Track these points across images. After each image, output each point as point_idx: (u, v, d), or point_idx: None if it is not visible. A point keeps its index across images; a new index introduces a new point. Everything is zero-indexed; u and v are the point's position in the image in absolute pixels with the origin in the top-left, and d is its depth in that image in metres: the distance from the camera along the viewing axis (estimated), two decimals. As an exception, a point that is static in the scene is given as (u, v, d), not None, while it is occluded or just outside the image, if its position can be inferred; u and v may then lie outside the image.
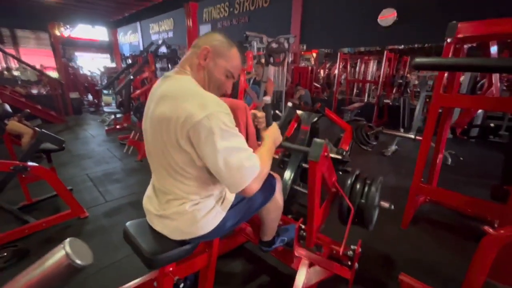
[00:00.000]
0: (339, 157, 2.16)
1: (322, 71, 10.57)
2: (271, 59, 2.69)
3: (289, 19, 7.42)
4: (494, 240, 1.12)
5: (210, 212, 0.86)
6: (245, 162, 0.73)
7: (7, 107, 2.34)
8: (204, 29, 9.71)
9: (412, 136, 2.03)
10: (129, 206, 2.31)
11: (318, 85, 9.58)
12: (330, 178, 1.27)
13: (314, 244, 1.16)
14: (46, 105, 5.51)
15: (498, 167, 3.35)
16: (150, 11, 7.41)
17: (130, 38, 15.95)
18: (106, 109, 5.25)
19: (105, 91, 6.13)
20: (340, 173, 2.40)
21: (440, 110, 1.69)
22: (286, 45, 4.48)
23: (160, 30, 13.34)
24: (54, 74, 7.19)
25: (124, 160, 3.40)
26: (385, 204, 1.41)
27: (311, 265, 1.16)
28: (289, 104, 1.79)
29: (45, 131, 1.91)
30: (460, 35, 1.50)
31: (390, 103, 5.70)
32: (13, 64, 9.75)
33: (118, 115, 5.13)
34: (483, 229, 1.22)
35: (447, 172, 3.00)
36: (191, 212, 0.83)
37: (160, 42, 5.10)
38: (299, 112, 2.11)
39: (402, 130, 3.88)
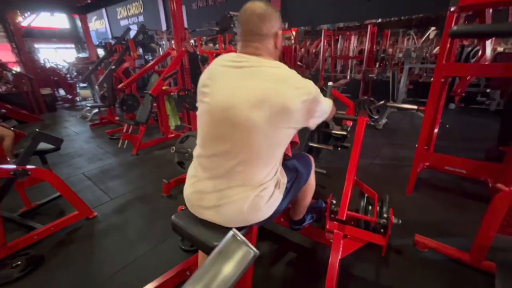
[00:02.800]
0: (345, 133, 2.21)
1: (302, 50, 10.50)
2: None
3: (269, -3, 7.19)
4: (507, 197, 1.24)
5: (271, 198, 0.87)
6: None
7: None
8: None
9: (415, 107, 2.11)
10: (137, 201, 2.25)
11: (302, 64, 9.54)
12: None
13: (346, 216, 1.21)
14: (15, 104, 5.06)
15: (482, 131, 3.64)
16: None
17: (95, 25, 14.75)
18: (87, 103, 4.93)
19: (81, 84, 5.71)
20: (339, 149, 2.48)
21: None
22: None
23: (129, 14, 12.44)
24: (16, 69, 6.53)
25: (119, 155, 3.26)
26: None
27: (344, 237, 1.21)
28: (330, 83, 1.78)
29: (41, 131, 1.77)
30: (463, 4, 1.53)
31: (375, 78, 5.83)
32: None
33: (101, 109, 4.84)
34: (497, 187, 1.34)
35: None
36: (254, 199, 0.83)
37: (136, 27, 4.76)
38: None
39: (392, 102, 4.02)
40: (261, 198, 0.84)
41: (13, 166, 1.61)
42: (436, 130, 2.22)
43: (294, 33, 9.72)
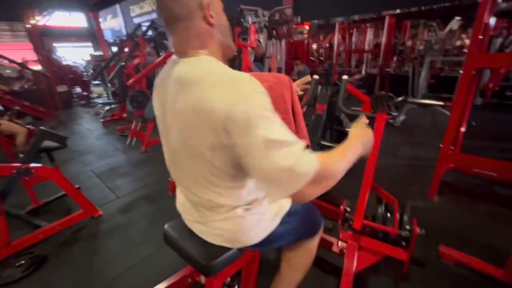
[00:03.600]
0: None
1: (316, 44, 10.20)
2: (274, 32, 2.46)
3: (281, -11, 6.98)
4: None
5: (259, 221, 0.73)
6: (295, 160, 0.52)
7: (-4, 106, 2.14)
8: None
9: (441, 103, 1.92)
10: (143, 200, 2.21)
11: (314, 59, 9.28)
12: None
13: (361, 225, 1.09)
14: (33, 101, 5.20)
15: None
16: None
17: (111, 23, 15.02)
18: (99, 100, 4.99)
19: (95, 82, 5.79)
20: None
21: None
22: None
23: (142, 12, 12.54)
24: (36, 67, 6.74)
25: (128, 153, 3.25)
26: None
27: (359, 248, 1.09)
28: (315, 77, 1.64)
29: (45, 128, 1.74)
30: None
31: (392, 72, 5.54)
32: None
33: (113, 106, 4.88)
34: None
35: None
36: (237, 220, 0.70)
37: (147, 24, 4.73)
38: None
39: (411, 98, 3.77)
40: (243, 218, 0.71)
41: (17, 165, 1.59)
42: (463, 129, 2.02)
43: (307, 27, 9.45)
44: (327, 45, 9.72)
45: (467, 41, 5.40)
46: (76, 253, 1.66)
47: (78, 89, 7.78)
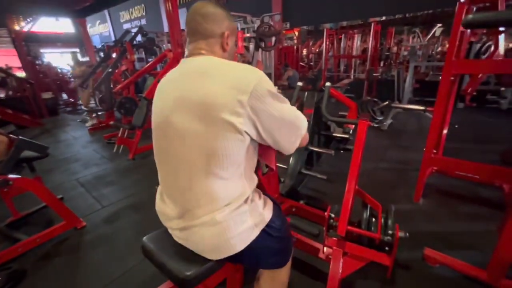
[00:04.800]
0: (347, 136, 2.09)
1: (305, 50, 10.35)
2: (262, 44, 2.47)
3: (269, -4, 7.08)
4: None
5: (241, 227, 0.72)
6: (297, 113, 0.75)
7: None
8: (180, 13, 9.12)
9: (422, 108, 1.97)
10: (128, 210, 2.16)
11: (304, 64, 9.41)
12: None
13: (345, 232, 1.09)
14: (17, 109, 5.05)
15: (494, 132, 3.45)
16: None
17: (99, 29, 14.87)
18: (85, 107, 4.90)
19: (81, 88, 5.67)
20: (342, 151, 2.34)
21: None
22: (271, 23, 4.21)
23: (132, 17, 12.48)
24: (21, 74, 6.56)
25: (115, 161, 3.18)
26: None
27: (344, 254, 1.09)
28: (299, 84, 1.65)
29: (24, 138, 1.69)
30: (474, -5, 1.40)
31: (379, 77, 5.66)
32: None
33: (100, 113, 4.80)
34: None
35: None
36: (218, 227, 0.70)
37: (135, 29, 4.70)
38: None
39: (397, 102, 3.86)
40: (224, 224, 0.70)
41: (-6, 176, 1.53)
42: (445, 132, 2.08)
43: (296, 33, 9.60)
44: (317, 50, 9.88)
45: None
46: (58, 267, 1.60)
47: (64, 96, 7.62)
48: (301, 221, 1.43)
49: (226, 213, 0.70)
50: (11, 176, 1.58)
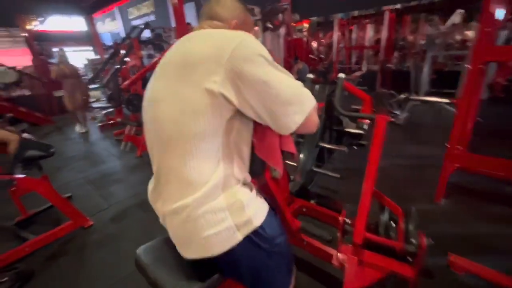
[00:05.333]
0: (362, 132, 1.95)
1: (315, 42, 10.05)
2: (269, 25, 2.32)
3: (278, -13, 6.86)
4: None
5: (217, 229, 0.61)
6: (302, 89, 0.63)
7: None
8: (187, 8, 9.03)
9: (447, 101, 1.81)
10: (135, 208, 2.13)
11: (314, 57, 9.15)
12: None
13: (363, 239, 0.99)
14: (30, 107, 5.16)
15: None
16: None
17: (109, 26, 15.00)
18: (95, 104, 4.93)
19: (92, 86, 5.73)
20: (355, 147, 2.21)
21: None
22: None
23: (140, 14, 12.50)
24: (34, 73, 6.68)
25: (123, 158, 3.17)
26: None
27: (360, 263, 0.99)
28: (309, 75, 1.54)
29: (28, 137, 1.67)
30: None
31: (394, 68, 5.40)
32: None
33: (109, 110, 4.82)
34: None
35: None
36: (194, 222, 0.61)
37: (142, 26, 4.66)
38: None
39: (414, 95, 3.65)
40: (194, 214, 0.60)
41: (-1, 176, 1.51)
42: (470, 126, 1.91)
43: (306, 25, 9.32)
44: (327, 42, 9.57)
45: (470, 35, 5.23)
46: (65, 266, 1.58)
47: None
48: (312, 224, 1.33)
49: (197, 202, 0.60)
50: (16, 176, 1.56)
